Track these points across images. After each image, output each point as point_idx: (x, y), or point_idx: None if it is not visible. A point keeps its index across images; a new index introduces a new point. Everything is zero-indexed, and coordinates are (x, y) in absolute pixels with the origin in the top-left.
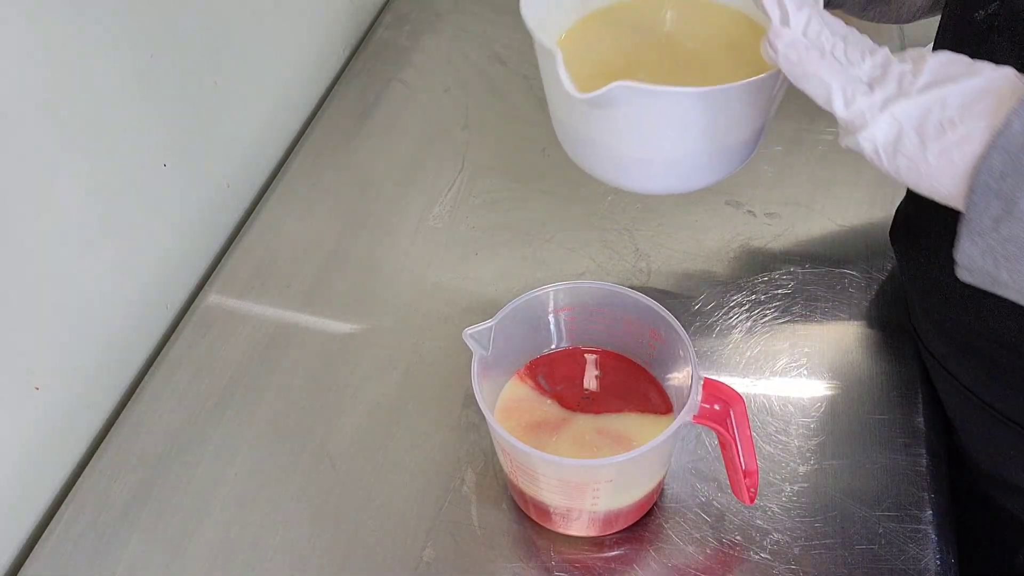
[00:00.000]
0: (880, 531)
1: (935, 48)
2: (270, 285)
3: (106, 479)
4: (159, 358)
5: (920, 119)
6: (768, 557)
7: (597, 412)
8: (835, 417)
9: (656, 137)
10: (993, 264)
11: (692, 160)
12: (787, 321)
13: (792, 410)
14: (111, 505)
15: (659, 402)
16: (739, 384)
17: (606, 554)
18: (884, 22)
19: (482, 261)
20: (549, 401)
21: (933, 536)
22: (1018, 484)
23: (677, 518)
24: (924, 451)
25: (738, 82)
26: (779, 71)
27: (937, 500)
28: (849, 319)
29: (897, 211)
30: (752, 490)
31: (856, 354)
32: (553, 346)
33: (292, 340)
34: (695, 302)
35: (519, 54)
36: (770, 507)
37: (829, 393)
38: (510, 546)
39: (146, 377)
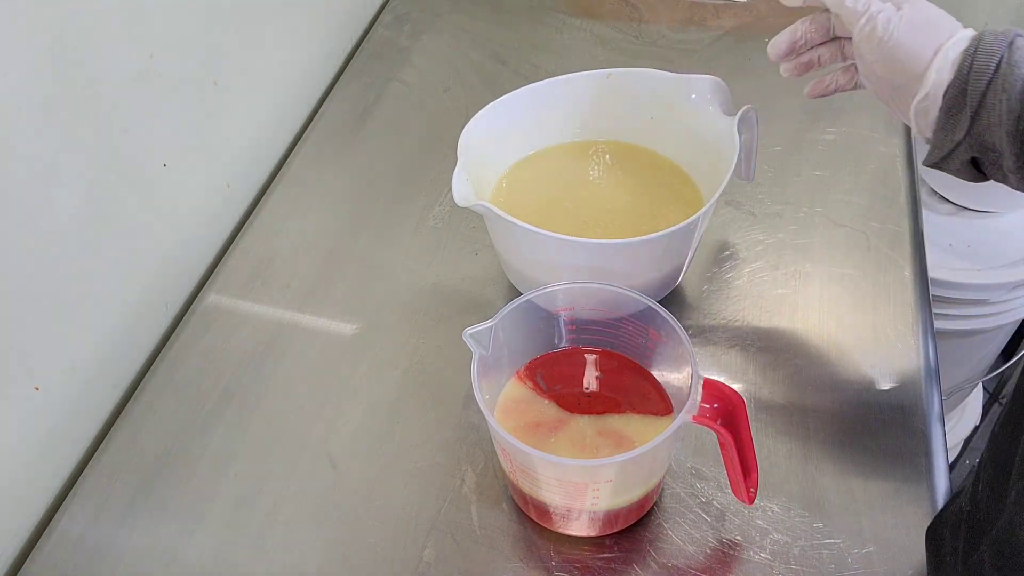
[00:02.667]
0: (880, 531)
1: None
2: (270, 285)
3: (106, 479)
4: (159, 358)
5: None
6: (768, 557)
7: (597, 412)
8: (835, 416)
9: (516, 253)
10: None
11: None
12: (787, 321)
13: (792, 410)
14: (111, 505)
15: (659, 402)
16: (739, 384)
17: (606, 554)
18: None
19: (482, 261)
20: (549, 401)
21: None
22: None
23: (677, 518)
24: (924, 451)
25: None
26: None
27: (937, 500)
28: (849, 319)
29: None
30: (752, 490)
31: (856, 354)
32: (553, 346)
33: (292, 340)
34: (695, 302)
35: (519, 54)
36: (770, 507)
37: (829, 393)
38: (510, 546)
39: (146, 377)
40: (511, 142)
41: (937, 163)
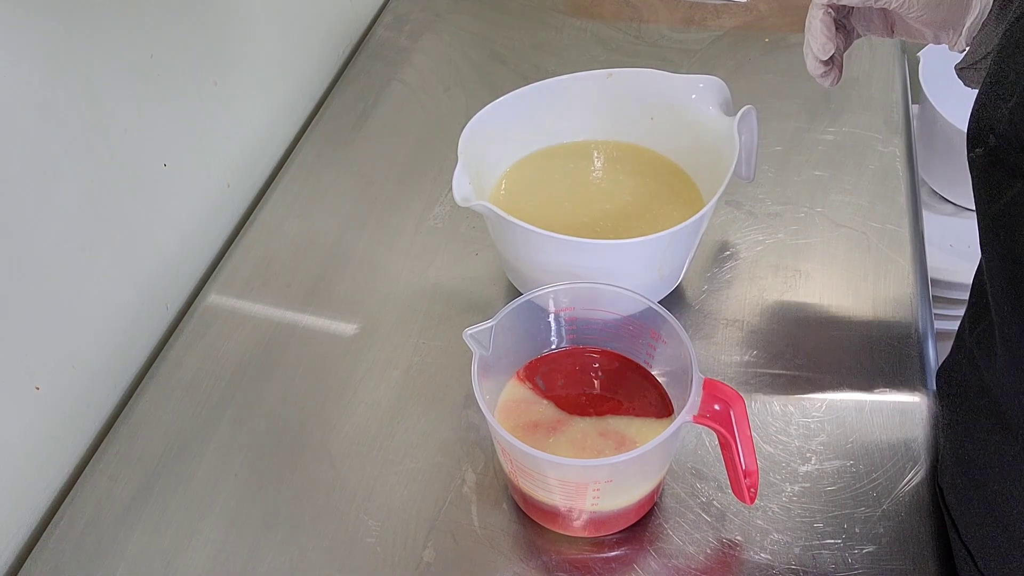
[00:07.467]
0: (880, 531)
1: None
2: (270, 285)
3: (106, 479)
4: (159, 358)
5: None
6: (768, 557)
7: (597, 413)
8: (835, 417)
9: (516, 253)
10: None
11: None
12: (787, 321)
13: (792, 410)
14: (111, 505)
15: (659, 402)
16: (739, 384)
17: (606, 554)
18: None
19: (482, 261)
20: (549, 401)
21: (933, 537)
22: None
23: (677, 518)
24: (924, 452)
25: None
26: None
27: (937, 500)
28: (850, 318)
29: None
30: (752, 490)
31: (857, 354)
32: (553, 346)
33: (292, 340)
34: (695, 302)
35: (519, 54)
36: (770, 507)
37: (829, 393)
38: (510, 546)
39: (146, 377)
40: (511, 142)
41: (970, 66)
